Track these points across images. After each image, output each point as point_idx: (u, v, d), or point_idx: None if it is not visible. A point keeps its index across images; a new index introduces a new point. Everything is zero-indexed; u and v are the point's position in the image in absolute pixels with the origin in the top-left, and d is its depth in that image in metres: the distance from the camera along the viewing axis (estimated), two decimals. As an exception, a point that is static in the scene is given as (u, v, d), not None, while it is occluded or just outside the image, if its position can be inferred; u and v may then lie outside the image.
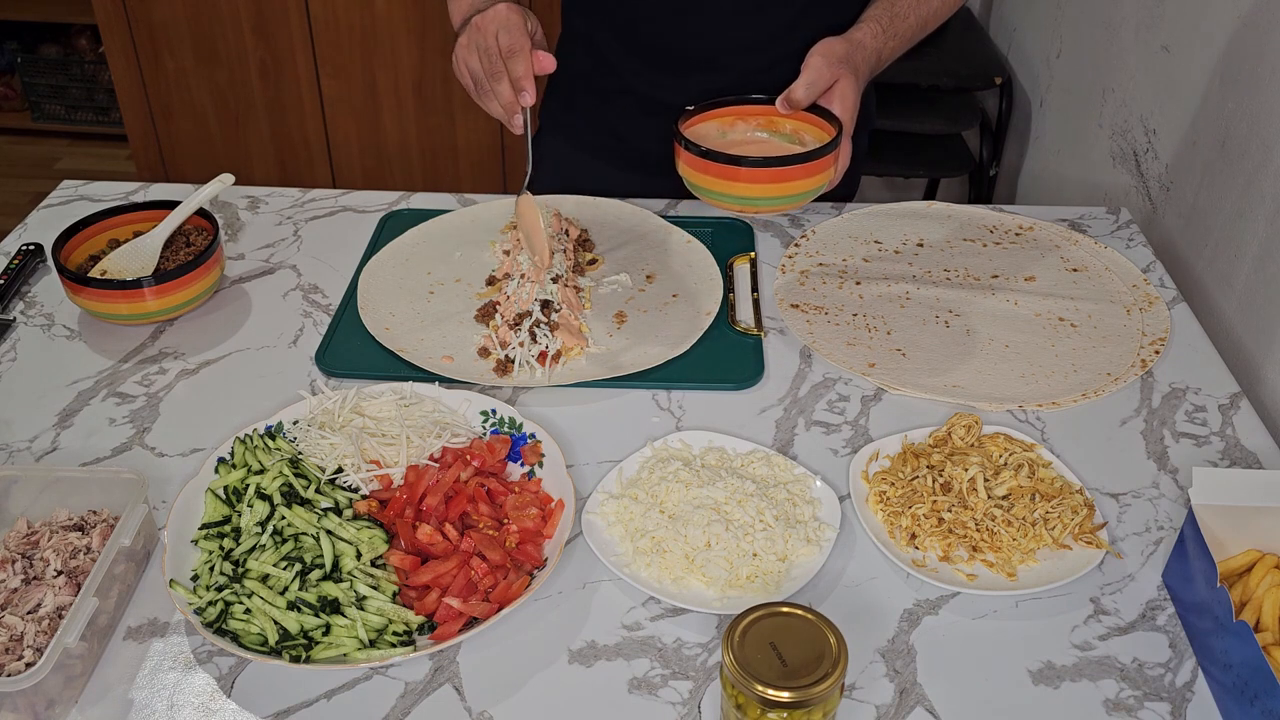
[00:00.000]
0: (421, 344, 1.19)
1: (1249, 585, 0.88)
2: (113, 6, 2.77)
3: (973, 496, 0.97)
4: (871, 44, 1.22)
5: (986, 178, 2.42)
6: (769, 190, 1.08)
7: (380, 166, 2.97)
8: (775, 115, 1.16)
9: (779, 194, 1.09)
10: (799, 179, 1.07)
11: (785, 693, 0.71)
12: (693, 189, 1.11)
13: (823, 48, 1.15)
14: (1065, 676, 0.86)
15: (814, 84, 1.13)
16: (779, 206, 1.11)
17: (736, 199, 1.09)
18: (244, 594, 0.86)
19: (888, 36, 1.24)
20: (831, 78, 1.14)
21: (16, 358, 1.19)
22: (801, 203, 1.11)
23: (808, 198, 1.10)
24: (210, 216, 1.28)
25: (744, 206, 1.11)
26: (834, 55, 1.15)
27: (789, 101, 1.13)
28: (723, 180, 1.07)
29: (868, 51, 1.21)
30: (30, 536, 0.93)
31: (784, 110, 1.14)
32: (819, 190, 1.10)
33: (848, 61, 1.16)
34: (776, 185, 1.08)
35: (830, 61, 1.14)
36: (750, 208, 1.11)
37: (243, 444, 0.99)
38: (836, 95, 1.14)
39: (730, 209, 1.11)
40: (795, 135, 1.16)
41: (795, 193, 1.09)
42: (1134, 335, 1.22)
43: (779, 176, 1.07)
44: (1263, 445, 1.08)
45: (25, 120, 3.82)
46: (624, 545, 0.95)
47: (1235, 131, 1.40)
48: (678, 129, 1.11)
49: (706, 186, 1.09)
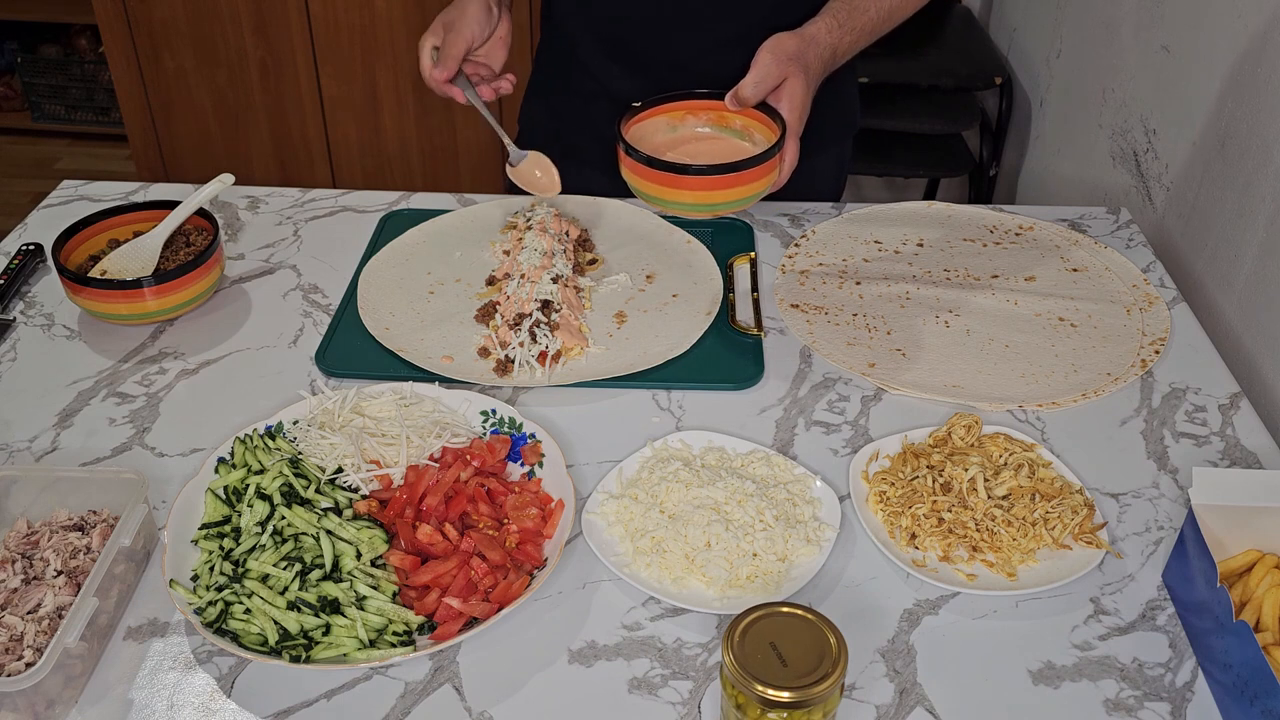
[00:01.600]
0: (421, 344, 1.19)
1: (1249, 585, 0.88)
2: (113, 6, 2.78)
3: (973, 496, 0.97)
4: (826, 39, 1.19)
5: (986, 178, 2.43)
6: (708, 197, 1.07)
7: (380, 166, 2.97)
8: (725, 110, 1.15)
9: (715, 200, 1.08)
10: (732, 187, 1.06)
11: (785, 693, 0.71)
12: (636, 194, 1.11)
13: (773, 44, 1.14)
14: (1065, 676, 0.86)
15: (761, 82, 1.12)
16: (719, 211, 1.11)
17: (675, 204, 1.09)
18: (244, 594, 0.86)
19: (844, 30, 1.22)
20: (780, 75, 1.12)
21: (16, 358, 1.19)
22: (742, 207, 1.10)
23: (748, 202, 1.10)
24: (210, 216, 1.28)
25: (685, 211, 1.10)
26: (783, 52, 1.13)
27: (737, 99, 1.12)
28: (663, 187, 1.07)
29: (821, 47, 1.19)
30: (30, 536, 0.93)
31: (732, 107, 1.13)
32: (761, 194, 1.09)
33: (798, 59, 1.14)
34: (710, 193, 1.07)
35: (779, 59, 1.12)
36: (691, 212, 1.10)
37: (243, 444, 0.99)
38: (785, 94, 1.12)
39: (672, 213, 1.11)
40: (745, 131, 1.15)
41: (735, 199, 1.07)
42: (1134, 335, 1.22)
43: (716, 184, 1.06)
44: (1263, 445, 1.08)
45: (25, 120, 3.82)
46: (624, 545, 0.95)
47: (1235, 131, 1.40)
48: (620, 132, 1.10)
49: (648, 193, 1.09)
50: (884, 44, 1.33)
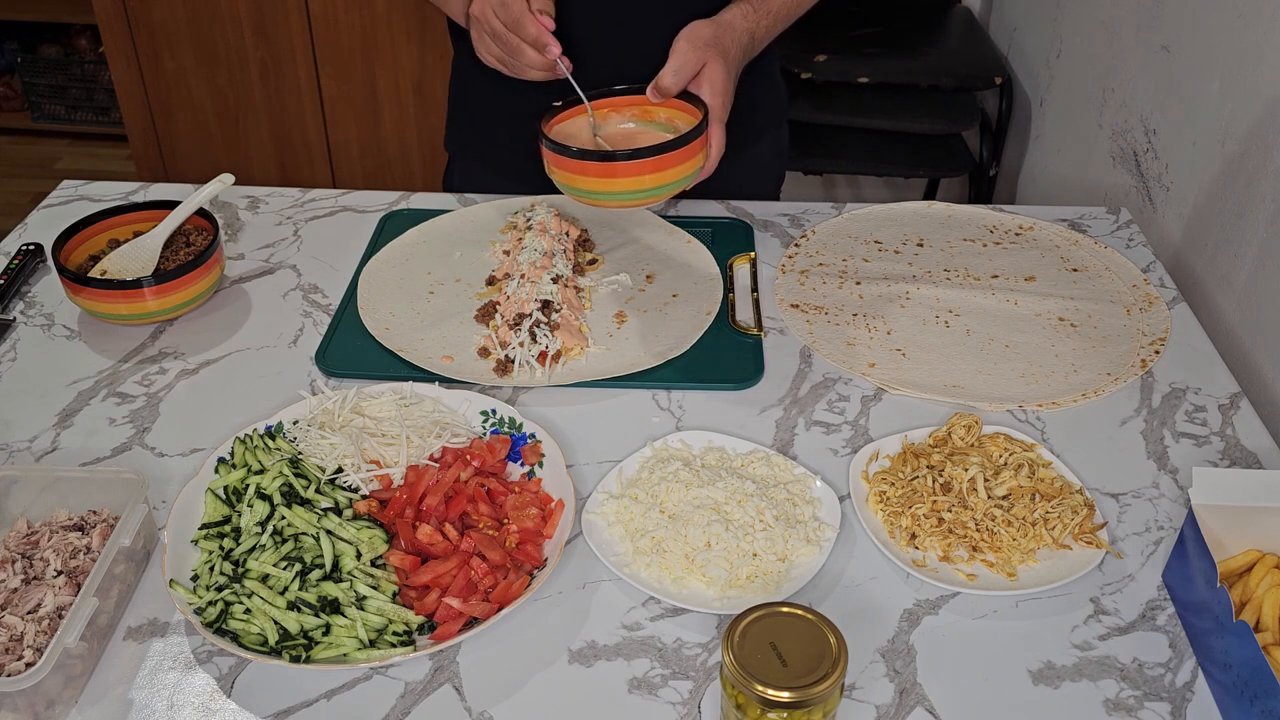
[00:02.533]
0: (421, 344, 1.19)
1: (1249, 585, 0.88)
2: (113, 6, 2.78)
3: (973, 496, 0.97)
4: (742, 24, 1.19)
5: (986, 178, 2.43)
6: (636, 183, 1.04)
7: (380, 166, 2.97)
8: (648, 104, 1.14)
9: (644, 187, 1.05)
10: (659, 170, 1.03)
11: (785, 693, 0.71)
12: (565, 190, 1.09)
13: (688, 32, 1.13)
14: (1065, 676, 0.86)
15: (681, 69, 1.11)
16: (649, 199, 1.08)
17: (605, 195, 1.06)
18: (244, 594, 0.86)
19: (760, 15, 1.21)
20: (699, 62, 1.12)
21: (16, 358, 1.19)
22: (669, 193, 1.08)
23: (678, 187, 1.07)
24: (210, 216, 1.28)
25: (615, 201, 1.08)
26: (700, 39, 1.12)
27: (658, 89, 1.11)
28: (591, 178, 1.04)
29: (738, 32, 1.18)
30: (30, 536, 0.93)
31: (654, 99, 1.13)
32: (690, 177, 1.07)
33: (715, 44, 1.13)
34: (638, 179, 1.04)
35: (696, 45, 1.12)
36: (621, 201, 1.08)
37: (243, 444, 0.99)
38: (705, 80, 1.12)
39: (603, 205, 1.09)
40: (669, 124, 1.14)
41: (663, 183, 1.04)
42: (1134, 335, 1.22)
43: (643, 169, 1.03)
44: (1263, 445, 1.08)
45: (25, 120, 3.82)
46: (624, 545, 0.95)
47: (1235, 131, 1.40)
48: (541, 130, 1.09)
49: (578, 186, 1.06)
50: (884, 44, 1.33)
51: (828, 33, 2.52)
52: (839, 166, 2.56)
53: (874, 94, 2.41)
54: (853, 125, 2.43)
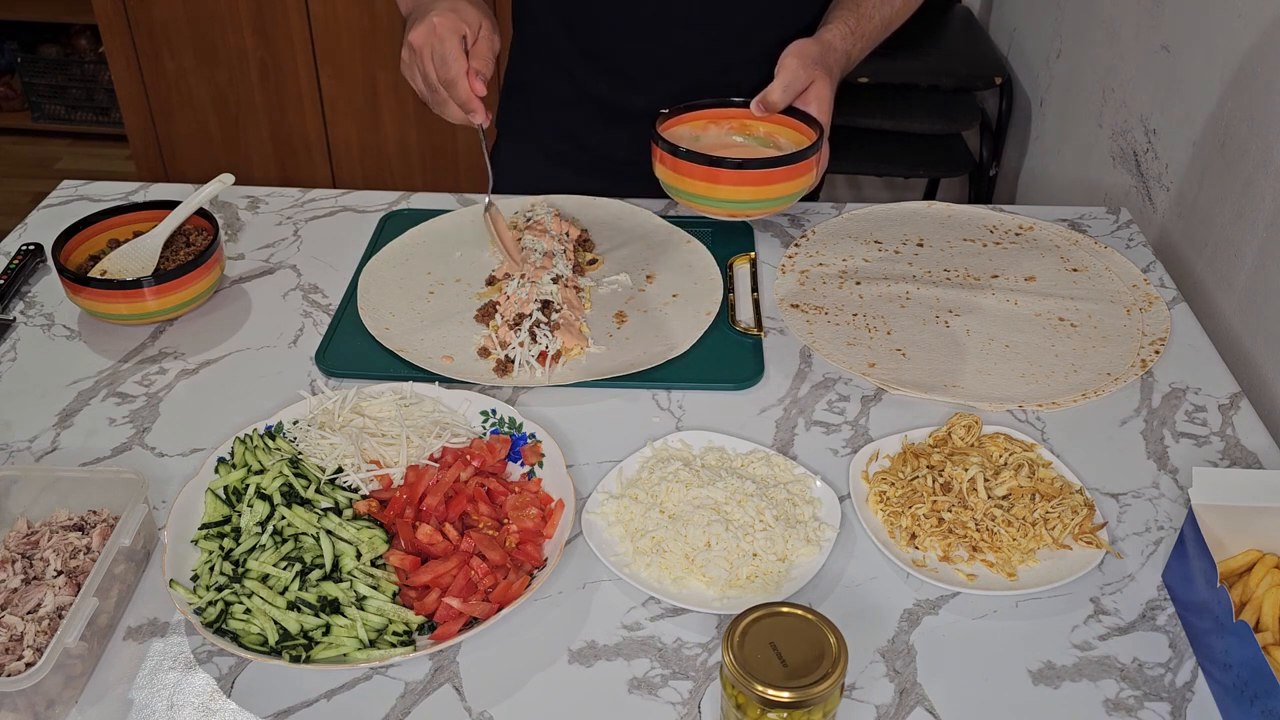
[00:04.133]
0: (421, 344, 1.19)
1: (1249, 585, 0.88)
2: (113, 6, 2.78)
3: (973, 496, 0.97)
4: (841, 45, 1.22)
5: (986, 178, 2.42)
6: (751, 193, 1.07)
7: (380, 166, 2.98)
8: (749, 118, 1.15)
9: (760, 197, 1.08)
10: (780, 181, 1.06)
11: (785, 693, 0.71)
12: (671, 192, 1.10)
13: (797, 49, 1.15)
14: (1065, 676, 0.86)
15: (790, 86, 1.13)
16: (760, 210, 1.10)
17: (716, 202, 1.08)
18: (244, 594, 0.86)
19: (855, 38, 1.24)
20: (807, 79, 1.14)
21: (16, 358, 1.19)
22: (782, 206, 1.10)
23: (789, 201, 1.10)
24: (210, 216, 1.28)
25: (725, 210, 1.10)
26: (809, 57, 1.14)
27: (765, 104, 1.13)
28: (704, 183, 1.06)
29: (838, 53, 1.21)
30: (30, 536, 0.93)
31: (759, 113, 1.14)
32: (800, 193, 1.10)
33: (822, 63, 1.16)
34: (757, 188, 1.07)
35: (805, 63, 1.14)
36: (731, 211, 1.10)
37: (243, 444, 0.99)
38: (813, 97, 1.14)
39: (711, 212, 1.10)
40: (769, 138, 1.15)
41: (777, 196, 1.08)
42: (1134, 335, 1.22)
43: (761, 180, 1.06)
44: (1263, 445, 1.08)
45: (25, 120, 3.82)
46: (624, 545, 0.95)
47: (1235, 131, 1.40)
48: (656, 131, 1.10)
49: (687, 190, 1.08)
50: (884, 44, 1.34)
51: (828, 33, 2.52)
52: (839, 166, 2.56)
53: (874, 94, 2.41)
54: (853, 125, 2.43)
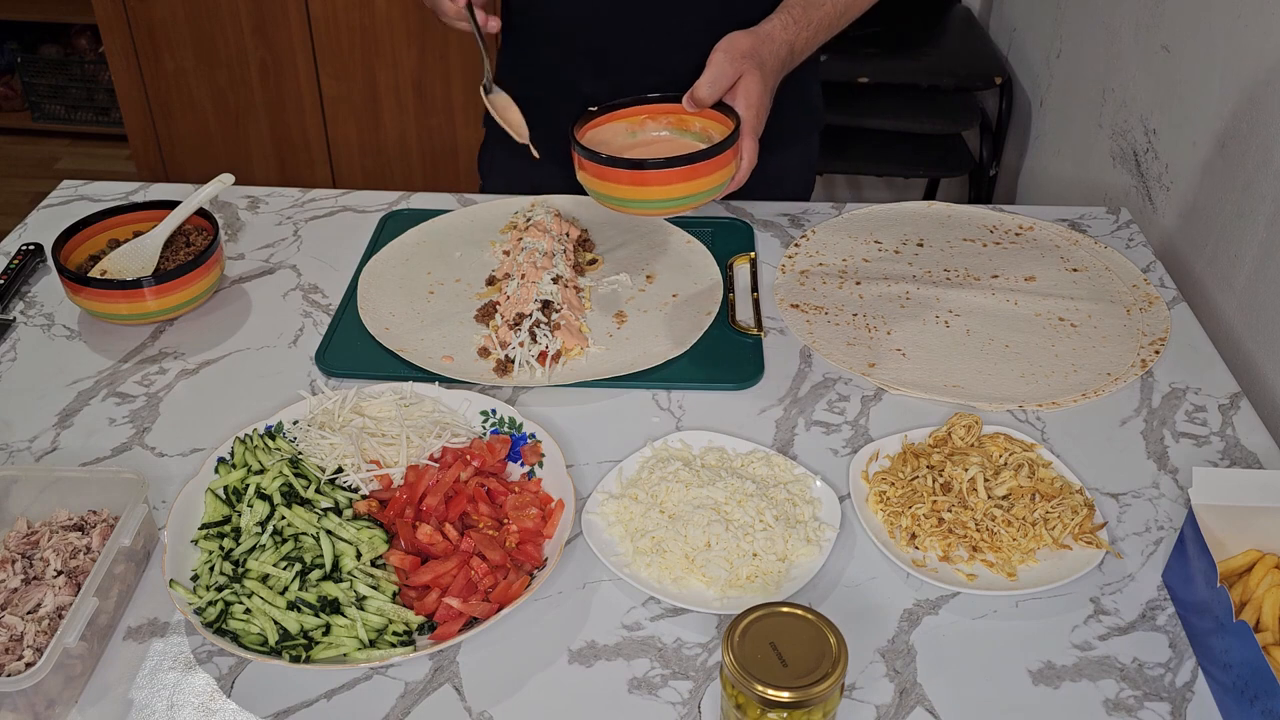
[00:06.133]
0: (421, 344, 1.19)
1: (1249, 585, 0.88)
2: (113, 6, 2.78)
3: (973, 496, 0.97)
4: (782, 35, 1.18)
5: (986, 178, 2.43)
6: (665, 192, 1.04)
7: (380, 166, 2.97)
8: (685, 114, 1.14)
9: (673, 196, 1.05)
10: (688, 180, 1.04)
11: (785, 693, 0.71)
12: (593, 196, 1.09)
13: (726, 43, 1.13)
14: (1065, 676, 0.86)
15: (716, 81, 1.11)
16: (678, 208, 1.08)
17: (633, 203, 1.06)
18: (244, 594, 0.86)
19: (800, 27, 1.21)
20: (735, 74, 1.11)
21: (16, 358, 1.19)
22: (698, 203, 1.07)
23: (706, 198, 1.07)
24: (210, 216, 1.28)
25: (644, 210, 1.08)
26: (737, 50, 1.12)
27: (693, 100, 1.12)
28: (619, 185, 1.04)
29: (777, 44, 1.18)
30: (30, 536, 0.93)
31: (689, 109, 1.13)
32: (719, 189, 1.07)
33: (753, 56, 1.13)
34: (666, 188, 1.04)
35: (733, 57, 1.12)
36: (650, 210, 1.08)
37: (243, 444, 0.99)
38: (740, 92, 1.11)
39: (631, 213, 1.09)
40: (703, 133, 1.14)
41: (691, 193, 1.04)
42: (1134, 335, 1.22)
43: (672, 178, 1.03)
44: (1263, 445, 1.08)
45: (25, 120, 3.82)
46: (624, 545, 0.95)
47: (1235, 131, 1.40)
48: (574, 136, 1.09)
49: (605, 193, 1.06)
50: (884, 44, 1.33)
51: (828, 33, 2.52)
52: (839, 166, 2.56)
53: (874, 94, 2.41)
54: (853, 125, 2.43)
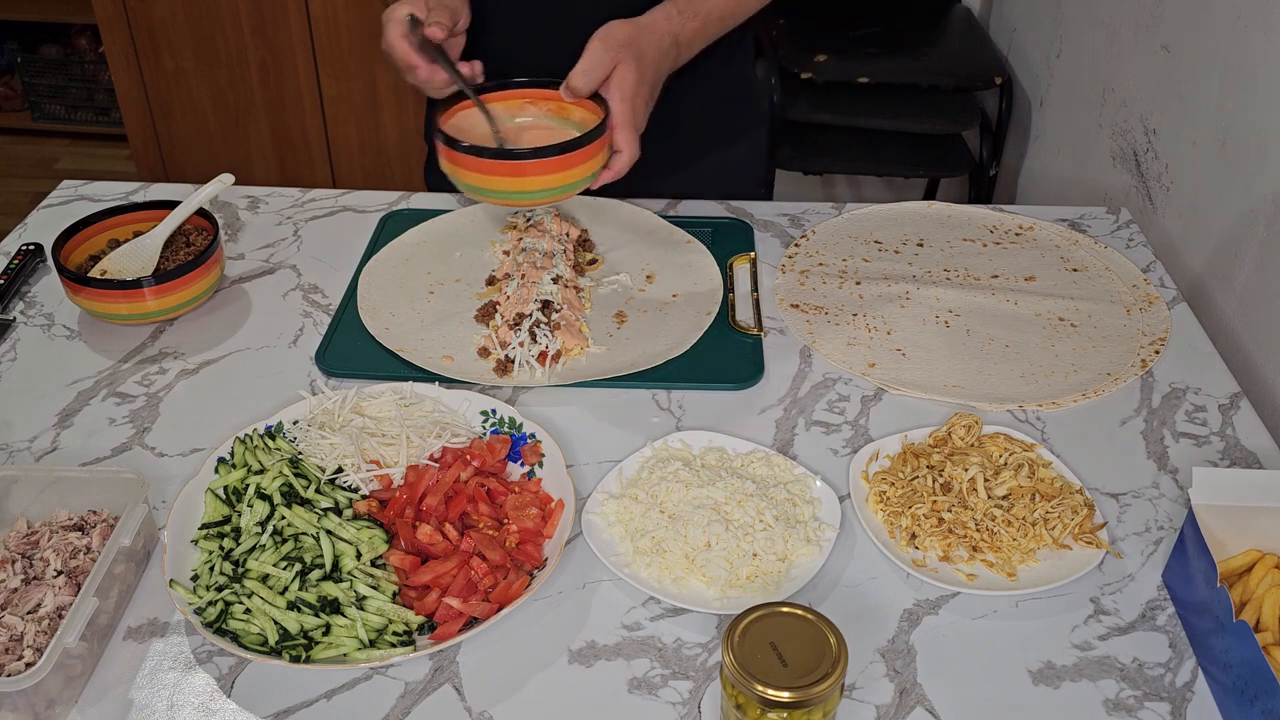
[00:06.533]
0: (421, 344, 1.19)
1: (1249, 585, 0.88)
2: (113, 6, 2.78)
3: (973, 496, 0.97)
4: (665, 25, 1.14)
5: (986, 178, 2.43)
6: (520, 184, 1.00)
7: (380, 166, 2.98)
8: (565, 101, 1.12)
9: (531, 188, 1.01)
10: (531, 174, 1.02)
11: (785, 693, 0.71)
12: (458, 186, 1.06)
13: (604, 32, 1.09)
14: (1065, 676, 0.86)
15: (591, 70, 1.07)
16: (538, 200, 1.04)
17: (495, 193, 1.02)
18: (244, 594, 0.86)
19: (686, 17, 1.16)
20: (610, 63, 1.08)
21: (16, 358, 1.19)
22: (563, 196, 1.04)
23: (569, 191, 1.04)
24: (210, 216, 1.28)
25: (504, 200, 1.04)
26: (613, 40, 1.09)
27: (569, 89, 1.08)
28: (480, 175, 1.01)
29: (659, 34, 1.13)
30: (30, 536, 0.93)
31: (567, 98, 1.10)
32: (584, 182, 1.03)
33: (630, 46, 1.10)
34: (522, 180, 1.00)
35: (609, 46, 1.08)
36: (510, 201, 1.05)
37: (243, 444, 0.99)
38: (614, 82, 1.08)
39: (494, 203, 1.07)
40: (582, 124, 1.11)
41: (552, 186, 1.03)
42: (1134, 335, 1.22)
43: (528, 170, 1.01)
44: (1263, 445, 1.08)
45: (25, 120, 3.82)
46: (624, 545, 0.95)
47: (1235, 131, 1.40)
48: (437, 123, 1.06)
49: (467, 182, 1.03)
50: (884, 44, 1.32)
51: (828, 33, 2.52)
52: (839, 166, 2.56)
53: (874, 94, 2.41)
54: (853, 125, 2.43)
